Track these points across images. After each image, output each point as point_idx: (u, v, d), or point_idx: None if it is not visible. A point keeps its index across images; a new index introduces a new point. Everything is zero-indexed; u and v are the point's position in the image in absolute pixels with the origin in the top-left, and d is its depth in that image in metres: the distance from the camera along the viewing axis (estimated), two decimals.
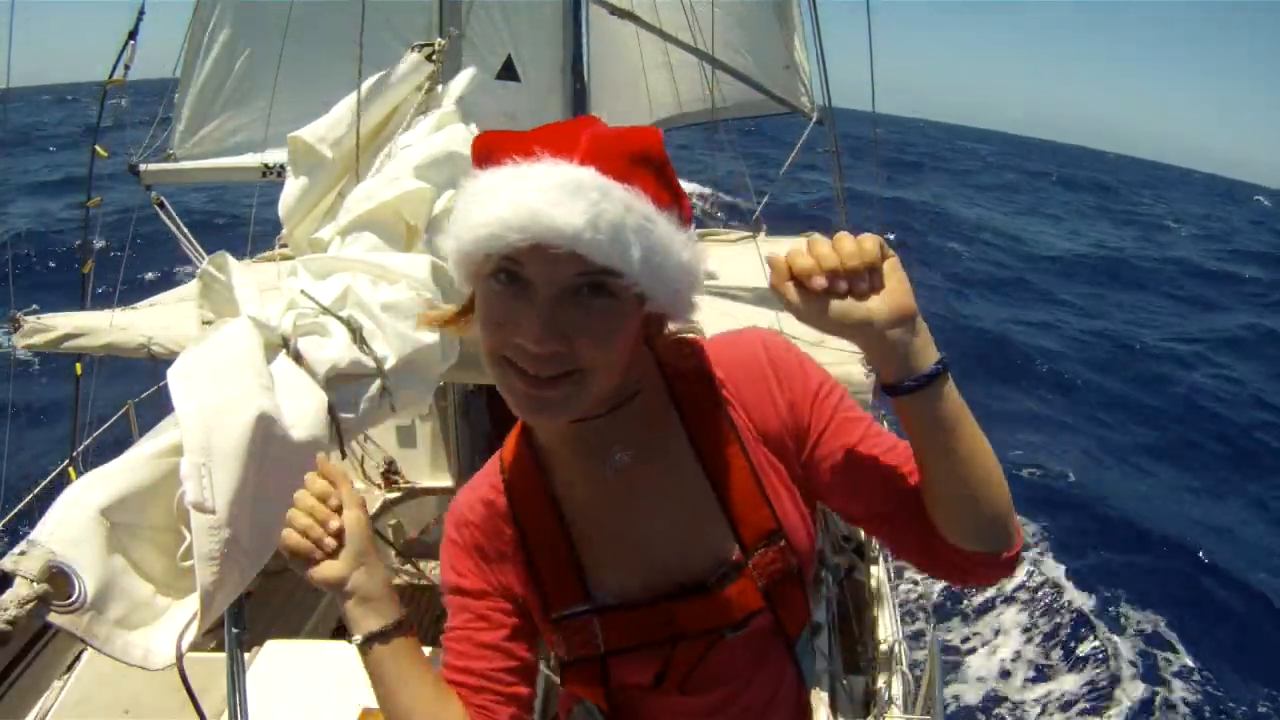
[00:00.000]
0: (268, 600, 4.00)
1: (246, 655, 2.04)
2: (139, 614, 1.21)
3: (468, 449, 3.67)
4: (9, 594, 1.08)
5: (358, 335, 1.82)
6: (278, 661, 2.98)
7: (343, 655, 3.08)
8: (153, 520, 1.29)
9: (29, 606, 1.07)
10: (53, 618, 1.12)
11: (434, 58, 3.08)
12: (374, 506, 4.54)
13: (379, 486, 5.00)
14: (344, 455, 1.83)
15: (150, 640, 1.21)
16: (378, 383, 1.83)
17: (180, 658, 1.21)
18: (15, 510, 3.31)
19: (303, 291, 1.87)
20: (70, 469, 3.72)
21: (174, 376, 1.37)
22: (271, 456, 1.37)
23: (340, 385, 1.72)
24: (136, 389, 4.38)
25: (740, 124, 6.97)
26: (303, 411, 1.52)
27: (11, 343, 3.00)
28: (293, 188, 2.87)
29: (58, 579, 1.13)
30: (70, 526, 1.18)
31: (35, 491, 3.46)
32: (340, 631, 4.17)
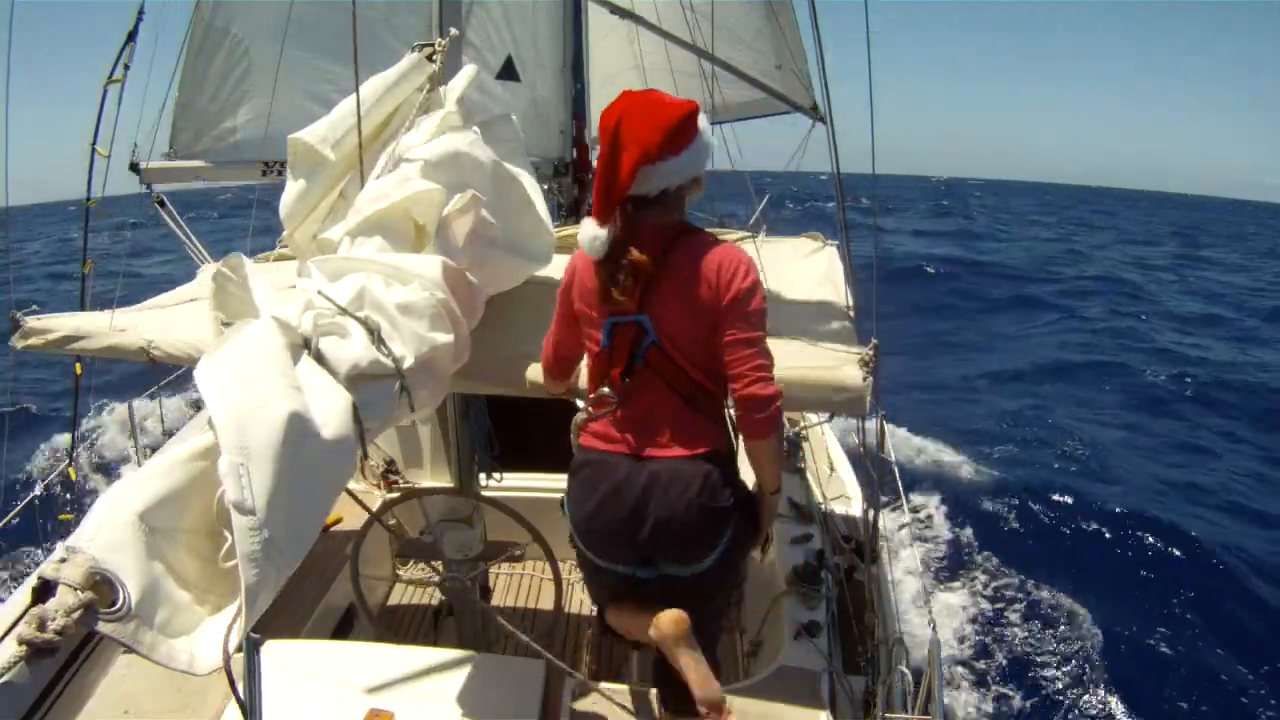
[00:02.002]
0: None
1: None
2: (180, 619, 1.21)
3: (468, 449, 3.66)
4: (54, 603, 1.06)
5: (375, 336, 1.82)
6: (277, 663, 2.97)
7: (342, 656, 3.08)
8: (188, 523, 1.29)
9: (76, 615, 1.06)
10: (102, 627, 1.11)
11: (434, 58, 3.08)
12: (374, 506, 4.53)
13: (379, 486, 4.99)
14: (365, 455, 1.82)
15: (194, 645, 1.21)
16: (397, 383, 1.83)
17: (228, 660, 1.21)
18: (15, 510, 3.29)
19: (320, 292, 1.87)
20: (70, 469, 3.70)
21: (202, 378, 1.37)
22: (303, 456, 1.37)
23: (361, 385, 1.73)
24: (136, 389, 4.36)
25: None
26: (330, 411, 1.52)
27: (11, 344, 2.97)
28: (293, 189, 2.86)
29: (101, 586, 1.12)
30: (110, 531, 1.17)
31: (35, 492, 3.44)
32: (340, 631, 4.16)
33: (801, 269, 3.96)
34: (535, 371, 2.69)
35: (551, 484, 4.91)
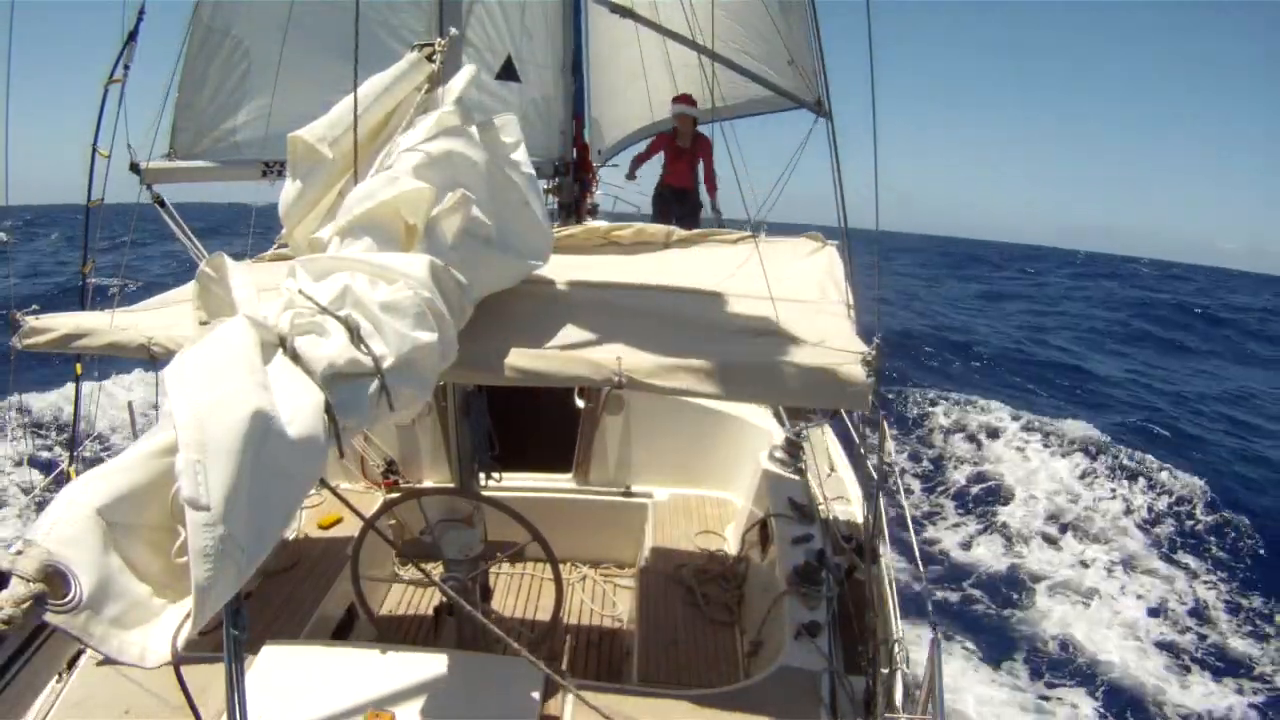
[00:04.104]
0: (267, 602, 4.00)
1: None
2: (135, 613, 1.22)
3: (468, 449, 3.66)
4: (4, 594, 1.07)
5: (355, 334, 1.82)
6: (276, 665, 2.98)
7: (341, 658, 3.08)
8: (149, 519, 1.29)
9: (25, 606, 1.07)
10: (49, 617, 1.12)
11: (434, 58, 3.08)
12: (374, 506, 4.54)
13: (379, 486, 5.01)
14: (342, 455, 1.82)
15: (147, 639, 1.21)
16: (376, 381, 1.82)
17: (176, 655, 1.21)
18: (15, 510, 3.31)
19: (300, 291, 1.87)
20: (70, 469, 3.72)
21: (169, 375, 1.37)
22: (268, 454, 1.37)
23: (338, 385, 1.72)
24: (137, 389, 4.39)
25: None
26: (299, 409, 1.52)
27: (11, 343, 2.99)
28: (292, 187, 2.87)
29: (54, 578, 1.13)
30: (67, 526, 1.18)
31: (35, 491, 3.47)
32: (340, 633, 4.17)
33: (802, 269, 3.95)
34: (527, 359, 2.65)
35: (552, 484, 4.92)
